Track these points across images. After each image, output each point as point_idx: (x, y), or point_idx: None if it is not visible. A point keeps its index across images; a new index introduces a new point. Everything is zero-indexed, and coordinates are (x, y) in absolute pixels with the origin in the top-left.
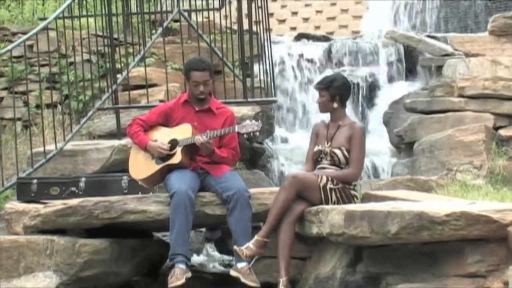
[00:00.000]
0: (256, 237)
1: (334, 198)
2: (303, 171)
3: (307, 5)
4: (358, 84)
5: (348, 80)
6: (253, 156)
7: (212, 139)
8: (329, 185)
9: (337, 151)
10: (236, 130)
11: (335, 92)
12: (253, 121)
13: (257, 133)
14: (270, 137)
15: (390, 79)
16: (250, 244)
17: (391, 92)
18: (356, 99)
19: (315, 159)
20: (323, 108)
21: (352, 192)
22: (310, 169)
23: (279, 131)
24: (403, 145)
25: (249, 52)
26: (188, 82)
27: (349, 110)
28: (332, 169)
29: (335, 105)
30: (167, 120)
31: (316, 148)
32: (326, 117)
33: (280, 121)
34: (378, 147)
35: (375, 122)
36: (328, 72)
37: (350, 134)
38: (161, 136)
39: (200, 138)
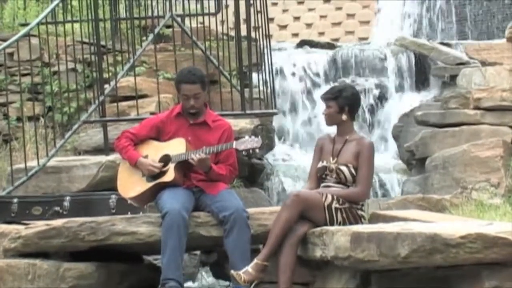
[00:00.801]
0: (255, 260)
1: (339, 218)
2: (306, 189)
3: (310, 10)
4: (365, 95)
5: (357, 91)
6: (251, 173)
7: (209, 155)
8: (335, 205)
9: (344, 168)
10: (234, 146)
11: (344, 102)
12: (253, 137)
13: (257, 150)
14: (271, 152)
15: (400, 90)
16: (249, 268)
17: (401, 103)
18: (362, 111)
19: (319, 176)
20: (330, 121)
21: (359, 212)
22: (314, 187)
23: (280, 146)
24: (414, 161)
25: (248, 60)
26: (179, 94)
27: (355, 123)
28: (337, 188)
29: (344, 117)
30: (158, 134)
31: (320, 164)
32: (332, 130)
33: (281, 135)
34: (387, 163)
35: (383, 136)
36: (331, 82)
37: (358, 150)
38: (153, 151)
39: (196, 155)
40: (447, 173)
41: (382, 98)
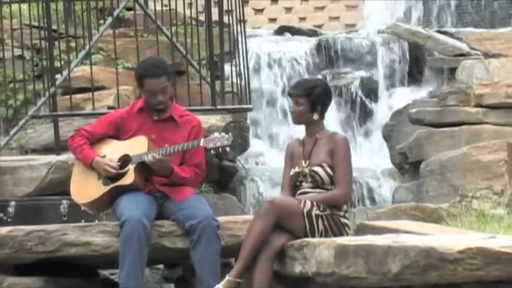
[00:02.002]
0: (226, 277)
1: (321, 227)
2: (282, 196)
3: None
4: (351, 89)
5: (329, 87)
6: (222, 176)
7: (170, 156)
8: (315, 211)
9: (318, 169)
10: (202, 144)
11: (317, 101)
12: (223, 133)
13: (227, 149)
14: (244, 154)
15: (392, 84)
16: (220, 286)
17: (393, 99)
18: (349, 109)
19: (293, 185)
20: (299, 119)
21: (343, 220)
22: (288, 195)
23: (255, 146)
24: (407, 165)
25: (219, 48)
26: (142, 90)
27: (339, 122)
28: (314, 193)
29: (316, 116)
30: (118, 132)
31: (292, 171)
32: (300, 133)
33: (256, 134)
34: (376, 167)
35: (373, 137)
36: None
37: (331, 148)
38: (111, 151)
39: (153, 156)
40: (445, 179)
41: (371, 93)
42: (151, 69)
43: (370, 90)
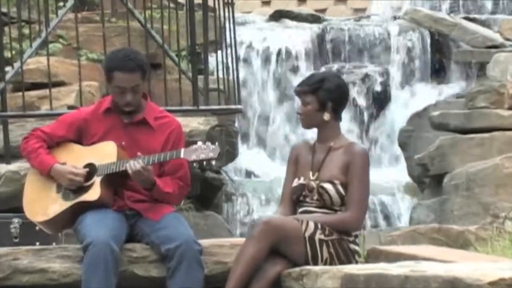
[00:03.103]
0: None
1: (325, 254)
2: (279, 215)
3: None
4: (361, 88)
5: (344, 81)
6: (205, 191)
7: (149, 166)
8: (319, 236)
9: (328, 187)
10: (182, 156)
11: (327, 97)
12: (208, 143)
13: (213, 161)
14: (232, 164)
15: (410, 82)
16: None
17: (411, 100)
18: (358, 111)
19: (296, 199)
20: (308, 122)
21: (352, 246)
22: (288, 213)
23: (245, 155)
24: (428, 179)
25: (202, 37)
26: (110, 85)
27: (346, 126)
28: (320, 213)
29: (326, 116)
30: (80, 137)
31: (296, 182)
32: (311, 135)
33: (247, 140)
34: (391, 181)
35: (386, 144)
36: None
37: (346, 161)
38: (72, 159)
39: (134, 164)
40: (472, 195)
41: (384, 92)
42: (124, 61)
43: (384, 88)
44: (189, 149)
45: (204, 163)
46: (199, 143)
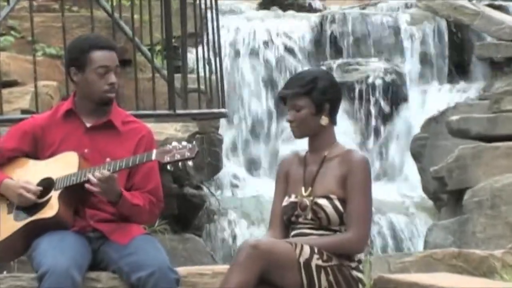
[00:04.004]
0: None
1: (324, 282)
2: (269, 238)
3: None
4: (367, 88)
5: (334, 78)
6: (184, 209)
7: (115, 173)
8: (316, 261)
9: (324, 202)
10: (154, 157)
11: (323, 98)
12: (184, 143)
13: (190, 162)
14: (215, 178)
15: (425, 80)
16: None
17: (426, 102)
18: (363, 115)
19: (287, 220)
20: (303, 129)
21: (355, 273)
22: (279, 237)
23: (230, 168)
24: (446, 195)
25: (180, 29)
26: (83, 73)
27: (347, 134)
28: (316, 235)
29: (324, 121)
30: (35, 148)
31: (286, 201)
32: (301, 146)
33: (233, 150)
34: (402, 197)
35: (396, 155)
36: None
37: (344, 172)
38: (26, 175)
39: (95, 173)
40: (498, 215)
41: (395, 93)
42: (101, 39)
43: (394, 88)
44: (162, 149)
45: (180, 164)
46: (174, 143)
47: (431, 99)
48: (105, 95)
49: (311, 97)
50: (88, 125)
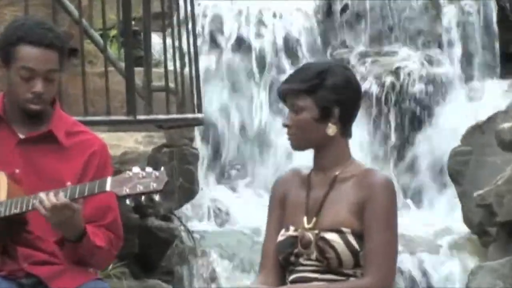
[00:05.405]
0: None
1: None
2: (259, 285)
3: None
4: (390, 85)
5: (354, 74)
6: (148, 248)
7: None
8: None
9: (333, 237)
10: (108, 188)
11: (331, 99)
12: (149, 169)
13: (156, 196)
14: (190, 205)
15: (467, 76)
16: None
17: (468, 105)
18: (384, 120)
19: (284, 259)
20: (301, 138)
21: None
22: (273, 283)
23: (209, 191)
24: (495, 228)
25: (142, 8)
26: (9, 70)
27: (362, 146)
28: (322, 281)
29: (331, 129)
30: None
31: (283, 234)
32: (306, 160)
33: (212, 168)
34: (436, 230)
35: (429, 174)
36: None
37: (361, 198)
38: None
39: (50, 198)
40: None
41: (429, 93)
42: (36, 29)
43: (426, 86)
44: (119, 178)
45: (142, 199)
46: (135, 169)
47: (476, 100)
48: (27, 105)
49: (315, 97)
50: (21, 136)
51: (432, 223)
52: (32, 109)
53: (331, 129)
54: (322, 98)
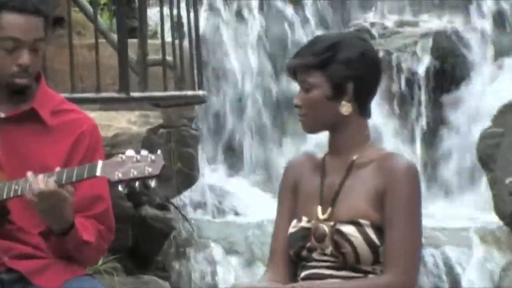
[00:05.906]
0: None
1: None
2: (267, 282)
3: None
4: (412, 59)
5: (372, 46)
6: (142, 240)
7: (66, 186)
8: None
9: (349, 230)
10: (99, 173)
11: (344, 74)
12: (144, 153)
13: (152, 182)
14: (188, 192)
15: (497, 50)
16: None
17: (502, 82)
18: (405, 100)
19: (295, 253)
20: (313, 119)
21: None
22: (283, 279)
23: (210, 177)
24: None
25: None
26: None
27: (381, 130)
28: (339, 277)
29: (345, 108)
30: None
31: (294, 226)
32: (320, 144)
33: (214, 152)
34: (464, 221)
35: (456, 160)
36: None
37: (382, 185)
38: None
39: (38, 182)
40: None
41: (455, 68)
42: None
43: (452, 62)
44: (111, 161)
45: (136, 184)
46: (129, 152)
47: (508, 78)
48: (11, 80)
49: (327, 72)
50: (1, 114)
51: (459, 213)
52: (18, 84)
53: (345, 108)
54: (334, 73)
